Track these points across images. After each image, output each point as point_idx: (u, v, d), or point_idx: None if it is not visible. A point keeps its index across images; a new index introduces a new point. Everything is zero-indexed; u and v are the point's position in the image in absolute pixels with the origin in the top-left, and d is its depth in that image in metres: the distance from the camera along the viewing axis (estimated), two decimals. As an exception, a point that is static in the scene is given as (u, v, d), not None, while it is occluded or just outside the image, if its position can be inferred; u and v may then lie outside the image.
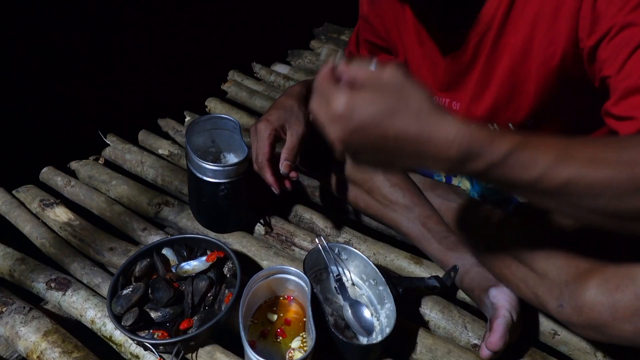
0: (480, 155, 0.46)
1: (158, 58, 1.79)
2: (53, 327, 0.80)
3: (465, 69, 0.78)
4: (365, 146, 0.48)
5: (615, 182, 0.46)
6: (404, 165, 0.49)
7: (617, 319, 0.59)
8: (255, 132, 0.85)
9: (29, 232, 1.02)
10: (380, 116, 0.46)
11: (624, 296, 0.59)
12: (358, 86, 0.48)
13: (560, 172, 0.47)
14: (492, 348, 0.74)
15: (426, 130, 0.46)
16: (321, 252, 0.87)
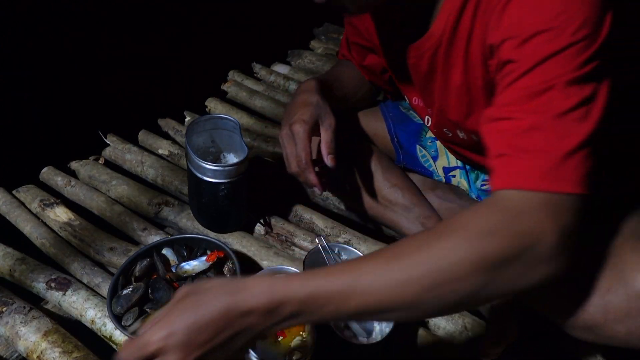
0: (282, 306, 0.49)
1: (158, 58, 1.79)
2: (53, 327, 0.80)
3: (426, 80, 0.79)
4: (208, 349, 0.50)
5: (395, 303, 0.49)
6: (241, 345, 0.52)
7: (609, 320, 0.59)
8: (291, 135, 0.81)
9: (29, 232, 1.02)
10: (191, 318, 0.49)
11: (615, 297, 0.59)
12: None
13: (349, 306, 0.49)
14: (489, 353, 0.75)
15: (231, 302, 0.49)
16: (321, 252, 0.87)
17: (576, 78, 0.51)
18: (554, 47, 0.52)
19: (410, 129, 1.00)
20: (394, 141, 0.99)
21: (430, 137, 1.00)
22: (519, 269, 0.48)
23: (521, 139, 0.52)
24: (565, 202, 0.50)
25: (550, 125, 0.51)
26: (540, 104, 0.52)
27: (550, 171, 0.50)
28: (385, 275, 0.49)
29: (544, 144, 0.51)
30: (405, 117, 1.02)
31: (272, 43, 1.85)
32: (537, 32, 0.53)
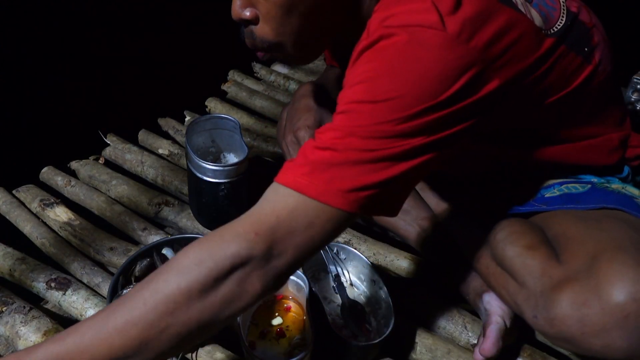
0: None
1: (158, 58, 1.79)
2: (53, 327, 0.80)
3: None
4: None
5: (125, 350, 0.49)
6: None
7: (586, 334, 0.59)
8: (295, 142, 0.83)
9: (29, 232, 1.02)
10: None
11: (590, 311, 0.59)
12: None
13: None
14: (485, 354, 0.75)
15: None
16: (320, 252, 0.87)
17: (384, 132, 0.54)
18: (369, 97, 0.55)
19: None
20: None
21: None
22: (230, 290, 0.51)
23: (311, 152, 0.56)
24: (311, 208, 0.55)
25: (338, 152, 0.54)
26: (341, 141, 0.55)
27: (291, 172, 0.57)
28: (106, 326, 0.50)
29: (324, 160, 0.54)
30: None
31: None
32: (361, 81, 0.56)
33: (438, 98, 0.54)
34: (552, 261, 0.67)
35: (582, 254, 0.64)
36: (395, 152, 0.54)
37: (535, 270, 0.67)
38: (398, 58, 0.55)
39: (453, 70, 0.54)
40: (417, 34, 0.54)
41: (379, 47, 0.57)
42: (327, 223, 0.55)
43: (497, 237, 0.76)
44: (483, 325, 0.78)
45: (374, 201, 0.56)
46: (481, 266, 0.80)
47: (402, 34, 0.55)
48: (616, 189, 0.76)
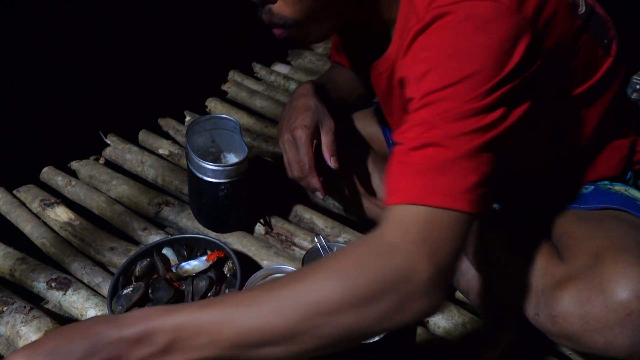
0: (156, 335, 0.47)
1: (158, 58, 1.79)
2: (53, 327, 0.80)
3: (386, 98, 0.79)
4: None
5: (268, 335, 0.47)
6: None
7: (588, 331, 0.59)
8: (292, 141, 0.81)
9: (29, 232, 1.02)
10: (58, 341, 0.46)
11: (593, 308, 0.59)
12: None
13: (223, 338, 0.47)
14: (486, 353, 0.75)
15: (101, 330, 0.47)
16: (320, 251, 0.87)
17: (471, 110, 0.52)
18: (445, 82, 0.53)
19: None
20: (389, 143, 0.99)
21: None
22: (391, 304, 0.47)
23: (407, 156, 0.53)
24: (444, 218, 0.50)
25: (441, 146, 0.52)
26: (432, 133, 0.53)
27: (428, 186, 0.51)
28: (256, 307, 0.48)
29: (431, 161, 0.52)
30: None
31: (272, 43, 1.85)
32: (430, 69, 0.55)
33: (507, 68, 0.53)
34: (554, 260, 0.67)
35: (585, 253, 0.64)
36: (484, 127, 0.53)
37: (537, 268, 0.67)
38: (460, 35, 0.54)
39: (513, 39, 0.54)
40: (473, 8, 0.54)
41: (435, 28, 0.56)
42: (462, 229, 0.51)
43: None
44: (483, 324, 0.78)
45: (484, 194, 0.52)
46: (481, 264, 0.80)
47: (458, 10, 0.54)
48: (619, 191, 0.76)
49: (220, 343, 0.47)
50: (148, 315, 0.48)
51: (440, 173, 0.51)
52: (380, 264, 0.48)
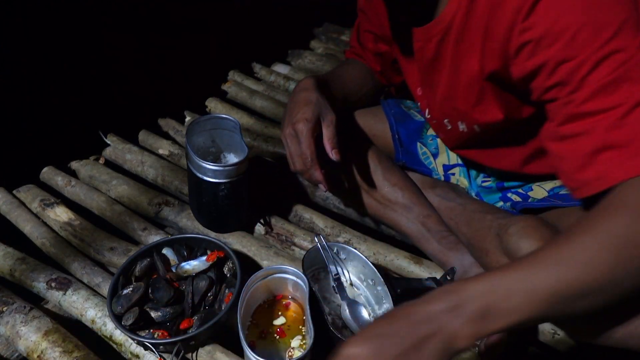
0: (466, 303, 0.49)
1: (158, 58, 1.79)
2: (53, 327, 0.80)
3: (431, 66, 0.78)
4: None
5: (587, 285, 0.49)
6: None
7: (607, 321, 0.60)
8: (294, 134, 0.81)
9: (29, 232, 1.02)
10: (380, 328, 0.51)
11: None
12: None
13: (538, 296, 0.49)
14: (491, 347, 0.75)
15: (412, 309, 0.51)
16: (320, 251, 0.87)
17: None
18: (606, 35, 0.53)
19: (411, 127, 1.00)
20: (395, 138, 0.99)
21: (431, 135, 1.01)
22: None
23: (616, 133, 0.54)
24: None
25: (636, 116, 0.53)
26: (617, 98, 0.53)
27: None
28: (567, 258, 0.49)
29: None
30: (407, 115, 1.02)
31: (272, 43, 1.85)
32: (582, 25, 0.54)
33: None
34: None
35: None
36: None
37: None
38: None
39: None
40: None
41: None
42: None
43: (509, 230, 0.76)
44: None
45: None
46: (490, 260, 0.80)
47: None
48: None
49: (536, 300, 0.49)
50: (452, 288, 0.50)
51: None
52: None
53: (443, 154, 1.00)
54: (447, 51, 0.73)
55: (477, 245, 0.84)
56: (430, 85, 0.81)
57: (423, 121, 1.01)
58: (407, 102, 1.06)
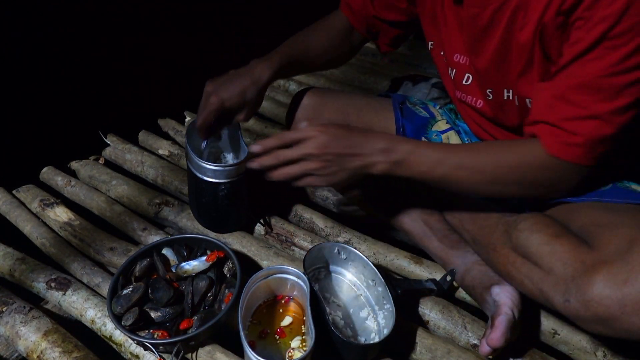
0: (394, 152, 0.74)
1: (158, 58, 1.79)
2: (53, 327, 0.80)
3: (482, 34, 0.77)
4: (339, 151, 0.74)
5: (472, 181, 0.74)
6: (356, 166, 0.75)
7: (626, 313, 0.59)
8: (206, 98, 0.93)
9: (29, 232, 1.02)
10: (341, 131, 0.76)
11: (632, 289, 0.59)
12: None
13: (437, 171, 0.74)
14: (493, 345, 0.74)
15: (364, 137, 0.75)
16: (320, 251, 0.87)
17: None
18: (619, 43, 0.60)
19: (416, 122, 1.00)
20: (400, 132, 0.99)
21: (436, 131, 1.00)
22: (547, 193, 0.76)
23: (581, 123, 0.66)
24: (583, 169, 0.70)
25: (603, 120, 0.65)
26: (603, 95, 0.63)
27: (587, 153, 0.68)
28: (468, 157, 0.74)
29: (593, 134, 0.66)
30: (412, 111, 1.02)
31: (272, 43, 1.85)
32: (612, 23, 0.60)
33: None
34: (582, 247, 0.67)
35: (618, 238, 0.64)
36: None
37: (565, 256, 0.67)
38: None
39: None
40: None
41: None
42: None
43: (519, 226, 0.76)
44: (491, 317, 0.78)
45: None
46: (498, 256, 0.80)
47: None
48: (636, 189, 0.77)
49: (433, 174, 0.75)
50: (393, 139, 0.75)
51: (590, 150, 0.69)
52: (549, 178, 0.72)
53: None
54: (502, 19, 0.73)
55: (484, 242, 0.83)
56: (477, 52, 0.81)
57: (428, 117, 1.00)
58: (411, 98, 1.05)
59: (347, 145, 0.74)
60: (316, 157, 0.74)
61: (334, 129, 0.75)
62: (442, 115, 1.01)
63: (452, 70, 0.88)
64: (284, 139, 0.75)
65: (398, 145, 0.74)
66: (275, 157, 0.75)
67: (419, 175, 0.75)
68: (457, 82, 0.88)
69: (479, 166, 0.74)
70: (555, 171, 0.71)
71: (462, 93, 0.88)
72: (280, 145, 0.75)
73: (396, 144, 0.74)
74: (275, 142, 0.76)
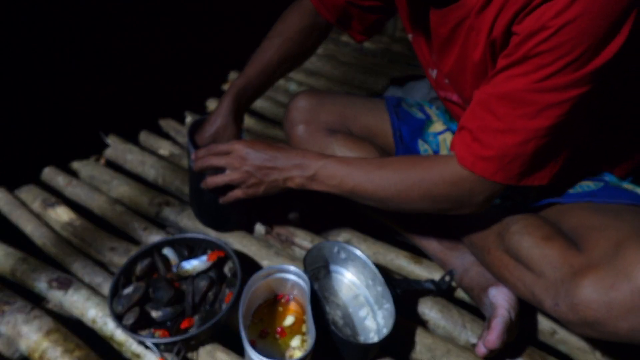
0: (307, 167, 0.79)
1: (159, 58, 1.79)
2: (54, 326, 0.81)
3: (443, 45, 0.78)
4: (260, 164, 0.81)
5: (378, 196, 0.77)
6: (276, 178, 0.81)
7: (613, 317, 0.60)
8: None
9: (30, 232, 1.02)
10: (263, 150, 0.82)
11: (619, 294, 0.59)
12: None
13: (346, 185, 0.78)
14: (490, 346, 0.75)
15: (282, 153, 0.82)
16: (320, 250, 0.88)
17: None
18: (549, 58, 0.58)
19: (413, 124, 1.00)
20: (396, 135, 0.99)
21: (433, 132, 1.01)
22: (453, 209, 0.75)
23: (494, 136, 0.65)
24: (496, 186, 0.70)
25: (519, 136, 0.64)
26: (523, 111, 0.62)
27: (499, 169, 0.67)
28: (373, 173, 0.76)
29: (505, 149, 0.65)
30: (408, 113, 1.02)
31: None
32: (540, 40, 0.58)
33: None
34: (571, 250, 0.68)
35: (605, 242, 0.65)
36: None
37: (554, 259, 0.68)
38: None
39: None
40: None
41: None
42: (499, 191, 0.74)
43: (511, 229, 0.77)
44: (488, 319, 0.78)
45: None
46: (492, 258, 0.80)
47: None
48: (628, 188, 0.77)
49: (343, 188, 0.78)
50: (309, 154, 0.80)
51: (504, 166, 0.68)
52: (456, 192, 0.72)
53: (444, 150, 1.00)
54: (459, 36, 0.73)
55: (479, 244, 0.84)
56: (441, 60, 0.81)
57: (424, 119, 1.01)
58: (408, 100, 1.06)
59: (265, 159, 0.80)
60: (237, 169, 0.81)
61: (257, 143, 0.82)
62: (438, 117, 1.01)
63: (433, 71, 0.88)
64: (213, 150, 0.84)
65: (311, 160, 0.79)
66: (202, 162, 0.84)
67: (332, 189, 0.79)
68: (439, 83, 0.88)
69: (382, 181, 0.75)
70: (463, 186, 0.71)
71: (445, 92, 0.89)
72: (211, 153, 0.84)
73: (309, 160, 0.79)
74: (205, 153, 0.85)
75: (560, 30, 0.56)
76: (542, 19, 0.57)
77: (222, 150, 0.84)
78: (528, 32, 0.59)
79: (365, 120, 1.01)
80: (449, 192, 0.72)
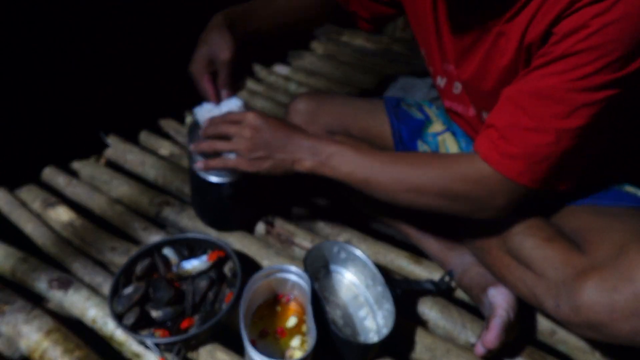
0: (319, 152, 0.77)
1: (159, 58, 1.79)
2: (55, 326, 0.81)
3: (464, 54, 0.77)
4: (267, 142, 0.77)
5: (392, 188, 0.74)
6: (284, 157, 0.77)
7: (615, 319, 0.60)
8: (195, 81, 0.89)
9: (30, 232, 1.02)
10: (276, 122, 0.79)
11: (621, 296, 0.59)
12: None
13: (358, 174, 0.75)
14: (488, 346, 0.75)
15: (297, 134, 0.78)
16: (320, 250, 0.88)
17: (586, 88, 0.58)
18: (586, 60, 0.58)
19: (412, 125, 1.00)
20: (395, 136, 0.99)
21: (432, 133, 1.01)
22: (470, 211, 0.72)
23: (523, 134, 0.63)
24: (520, 190, 0.66)
25: (549, 136, 0.62)
26: (556, 109, 0.61)
27: (526, 170, 0.64)
28: (383, 167, 0.75)
29: (533, 148, 0.63)
30: (407, 114, 1.02)
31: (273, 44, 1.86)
32: (579, 39, 0.57)
33: None
34: (573, 252, 0.68)
35: (608, 244, 0.65)
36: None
37: (556, 260, 0.68)
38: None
39: None
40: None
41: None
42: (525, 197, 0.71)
43: (512, 230, 0.76)
44: (487, 319, 0.78)
45: None
46: (493, 259, 0.80)
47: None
48: (630, 191, 0.77)
49: (355, 177, 0.76)
50: (323, 139, 0.78)
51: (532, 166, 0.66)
52: (478, 191, 0.69)
53: (443, 151, 1.01)
54: (485, 43, 0.72)
55: (479, 244, 0.84)
56: (458, 70, 0.81)
57: (423, 119, 1.01)
58: (407, 100, 1.06)
59: (278, 136, 0.77)
60: (248, 139, 0.77)
61: (271, 119, 0.78)
62: (437, 117, 1.01)
63: (442, 79, 0.87)
64: (227, 117, 0.81)
65: (325, 145, 0.77)
66: (215, 128, 0.81)
67: (344, 177, 0.76)
68: (447, 92, 0.88)
69: (399, 174, 0.73)
70: (484, 185, 0.67)
71: (452, 102, 0.88)
72: (224, 121, 0.81)
73: (324, 144, 0.77)
74: (219, 119, 0.82)
75: (600, 30, 0.56)
76: (582, 18, 0.57)
77: (233, 119, 0.79)
78: (567, 31, 0.58)
79: (364, 121, 1.01)
80: (469, 191, 0.69)
